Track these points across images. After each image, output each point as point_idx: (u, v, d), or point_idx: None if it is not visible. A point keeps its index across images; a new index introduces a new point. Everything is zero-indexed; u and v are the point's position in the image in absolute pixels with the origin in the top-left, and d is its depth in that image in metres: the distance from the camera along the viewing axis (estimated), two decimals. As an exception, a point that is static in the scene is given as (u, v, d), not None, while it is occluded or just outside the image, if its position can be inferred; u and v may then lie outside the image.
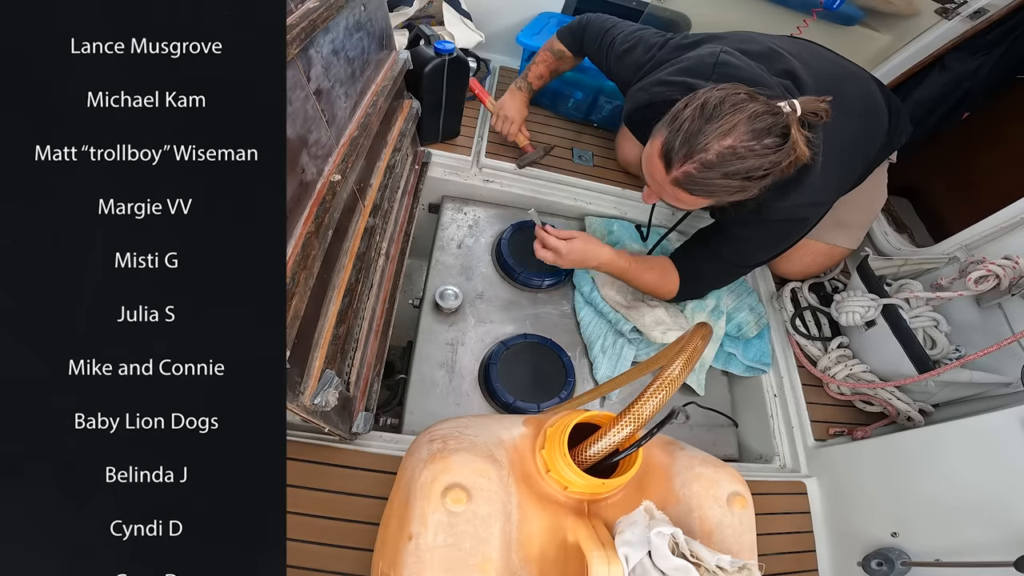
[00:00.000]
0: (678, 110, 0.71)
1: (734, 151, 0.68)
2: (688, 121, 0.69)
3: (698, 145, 0.68)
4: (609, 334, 1.08)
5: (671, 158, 0.71)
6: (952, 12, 1.24)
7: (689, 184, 0.72)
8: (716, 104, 0.68)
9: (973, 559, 0.75)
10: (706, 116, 0.68)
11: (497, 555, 0.42)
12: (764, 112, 0.68)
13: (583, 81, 1.33)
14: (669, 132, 0.71)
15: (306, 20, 0.55)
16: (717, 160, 0.68)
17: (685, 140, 0.69)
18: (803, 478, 1.00)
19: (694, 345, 0.50)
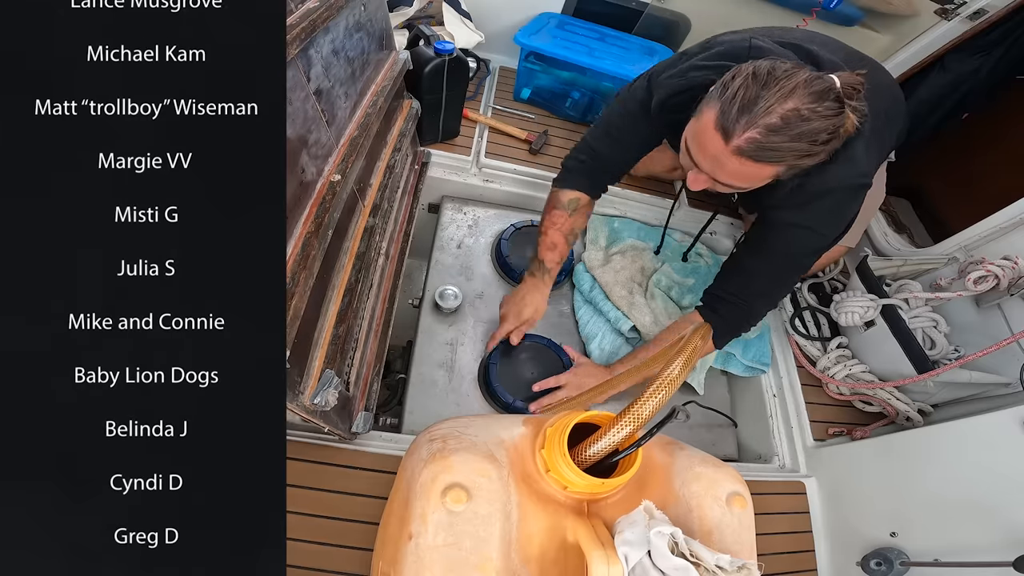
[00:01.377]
0: (726, 81, 0.68)
1: (798, 113, 0.65)
2: (742, 89, 0.66)
3: (759, 109, 0.65)
4: (607, 333, 1.08)
5: (730, 127, 0.67)
6: (952, 13, 1.24)
7: (756, 151, 0.67)
8: (768, 71, 0.66)
9: (972, 559, 0.75)
10: (760, 82, 0.66)
11: (497, 555, 0.42)
12: (816, 78, 0.66)
13: (580, 81, 1.34)
14: (722, 102, 0.67)
15: (306, 20, 0.55)
16: (782, 123, 0.65)
17: (744, 107, 0.66)
18: (802, 478, 1.00)
19: (694, 345, 0.50)
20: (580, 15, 1.44)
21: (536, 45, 1.27)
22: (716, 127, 0.68)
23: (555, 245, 0.98)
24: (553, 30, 1.37)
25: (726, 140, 0.68)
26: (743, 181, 0.74)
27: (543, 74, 1.36)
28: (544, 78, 1.37)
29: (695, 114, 0.72)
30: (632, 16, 1.43)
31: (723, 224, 1.35)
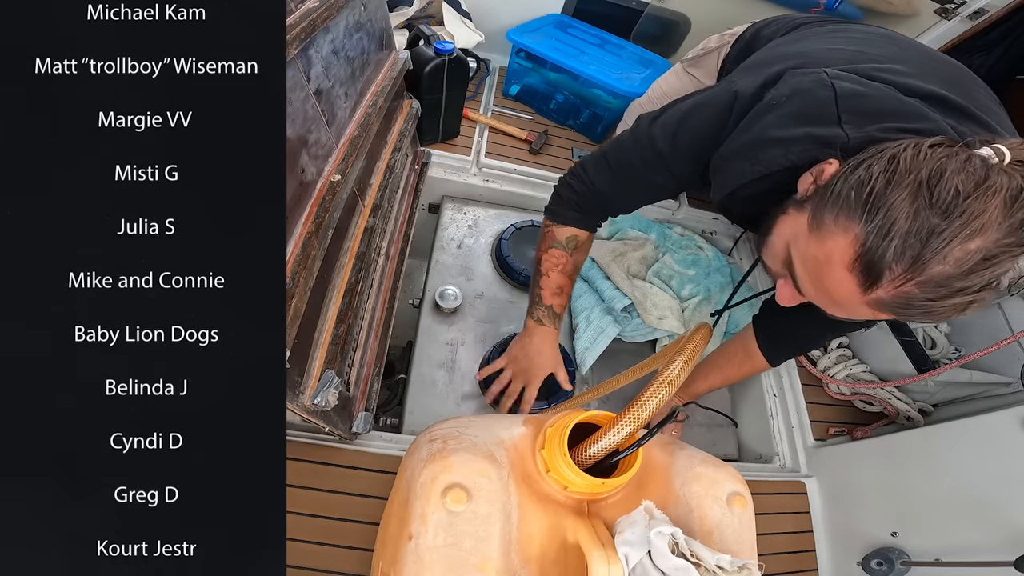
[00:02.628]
0: (875, 189, 0.44)
1: (984, 256, 0.42)
2: (906, 213, 0.42)
3: (930, 252, 0.42)
4: (596, 308, 1.09)
5: (879, 272, 0.44)
6: (951, 12, 1.24)
7: (903, 308, 0.46)
8: (942, 178, 0.42)
9: (973, 559, 0.75)
10: (940, 204, 0.41)
11: (497, 555, 0.42)
12: (1017, 191, 0.42)
13: (566, 84, 1.33)
14: (869, 231, 0.44)
15: (306, 20, 0.55)
16: (955, 271, 0.42)
17: (907, 245, 0.42)
18: (803, 478, 1.00)
19: (694, 345, 0.50)
20: (580, 15, 1.44)
21: (524, 42, 1.27)
22: (852, 267, 0.45)
23: (561, 289, 0.84)
24: (551, 30, 1.37)
25: (865, 288, 0.46)
26: (859, 317, 0.52)
27: (533, 72, 1.36)
28: (533, 76, 1.37)
29: (818, 223, 0.48)
30: (632, 16, 1.43)
31: (723, 224, 1.35)
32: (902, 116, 0.52)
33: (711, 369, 0.95)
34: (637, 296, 1.10)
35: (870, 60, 0.59)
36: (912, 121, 0.52)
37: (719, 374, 0.94)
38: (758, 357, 0.86)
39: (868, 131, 0.51)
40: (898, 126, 0.51)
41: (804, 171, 0.53)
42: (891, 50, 0.64)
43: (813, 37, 0.73)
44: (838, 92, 0.53)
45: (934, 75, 0.58)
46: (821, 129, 0.53)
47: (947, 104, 0.55)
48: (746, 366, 0.90)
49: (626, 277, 1.13)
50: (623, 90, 1.22)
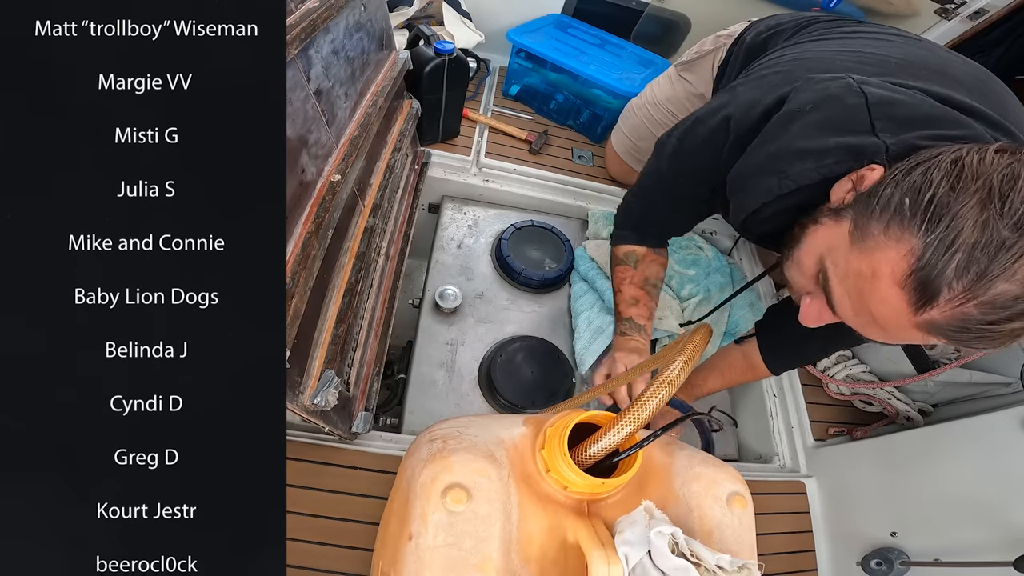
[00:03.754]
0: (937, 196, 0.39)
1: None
2: (973, 223, 0.37)
3: (998, 268, 0.37)
4: (596, 308, 1.09)
5: (936, 289, 0.39)
6: (952, 12, 1.24)
7: (958, 331, 0.40)
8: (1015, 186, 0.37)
9: (972, 559, 0.75)
10: (1012, 214, 0.37)
11: (497, 555, 0.42)
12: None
13: (566, 84, 1.33)
14: (930, 240, 0.39)
15: (306, 20, 0.55)
16: (1021, 291, 0.38)
17: (973, 259, 0.37)
18: (803, 478, 1.00)
19: (694, 345, 0.50)
20: (580, 15, 1.44)
21: (524, 42, 1.27)
22: (904, 284, 0.40)
23: (636, 300, 0.82)
24: (551, 30, 1.37)
25: (918, 308, 0.40)
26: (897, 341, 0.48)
27: (533, 72, 1.36)
28: (533, 76, 1.37)
29: (863, 234, 0.44)
30: (632, 16, 1.43)
31: (723, 224, 1.35)
32: (940, 123, 0.47)
33: (711, 373, 0.94)
34: None
35: (890, 63, 0.56)
36: (952, 128, 0.47)
37: (719, 378, 0.94)
38: (760, 366, 0.85)
39: (907, 139, 0.46)
40: (939, 133, 0.46)
41: (828, 190, 0.49)
42: (907, 51, 0.60)
43: (820, 40, 0.69)
44: (869, 98, 0.49)
45: (960, 80, 0.55)
46: (855, 138, 0.48)
47: (978, 114, 0.50)
48: (748, 374, 0.89)
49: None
50: (623, 90, 1.22)
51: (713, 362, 0.95)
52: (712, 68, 0.97)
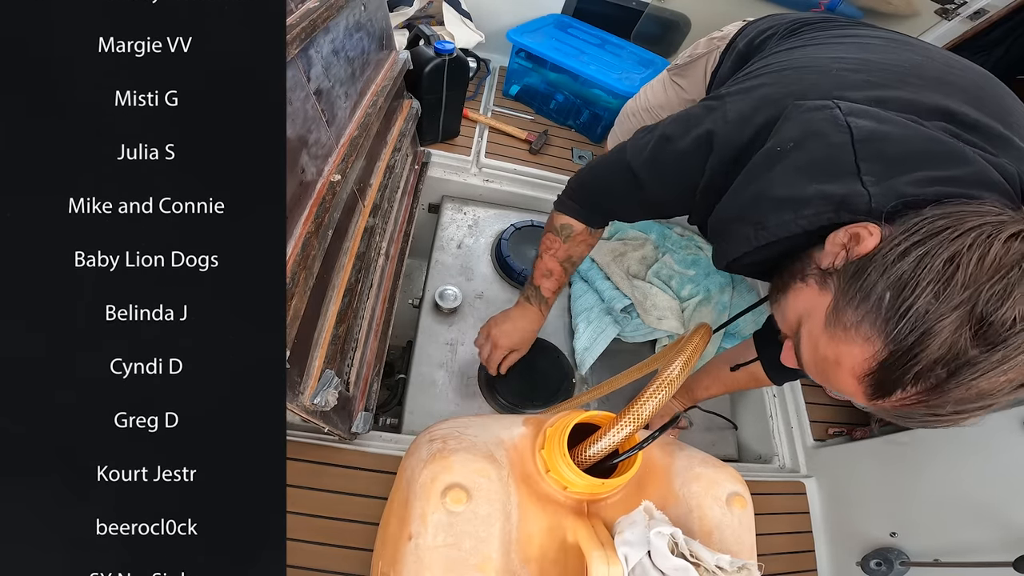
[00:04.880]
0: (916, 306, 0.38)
1: (1011, 383, 0.39)
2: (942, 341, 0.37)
3: (954, 383, 0.38)
4: (596, 308, 1.09)
5: (890, 390, 0.40)
6: (952, 12, 1.24)
7: (902, 418, 0.43)
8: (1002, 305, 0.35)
9: (972, 559, 0.75)
10: (987, 336, 0.36)
11: (497, 555, 0.42)
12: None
13: (566, 84, 1.33)
14: (895, 349, 0.39)
15: (306, 20, 0.55)
16: (975, 397, 0.39)
17: (933, 374, 0.38)
18: (802, 478, 1.00)
19: (694, 345, 0.50)
20: (580, 15, 1.44)
21: (525, 42, 1.27)
22: (862, 380, 0.41)
23: (551, 272, 0.84)
24: (551, 30, 1.37)
25: (870, 398, 0.42)
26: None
27: (533, 72, 1.36)
28: (533, 77, 1.37)
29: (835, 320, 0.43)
30: (632, 16, 1.43)
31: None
32: (934, 161, 0.44)
33: (712, 381, 0.94)
34: (637, 296, 1.10)
35: (886, 71, 0.54)
36: (945, 167, 0.44)
37: (719, 384, 0.93)
38: (761, 375, 0.82)
39: (896, 185, 0.43)
40: (932, 176, 0.43)
41: (816, 235, 0.46)
42: (903, 56, 0.58)
43: (814, 44, 0.67)
44: (855, 135, 0.45)
45: (959, 87, 0.52)
46: (837, 186, 0.45)
47: (980, 129, 0.48)
48: (750, 382, 0.88)
49: (626, 277, 1.13)
50: (623, 90, 1.22)
51: (714, 368, 0.95)
52: (705, 74, 0.94)
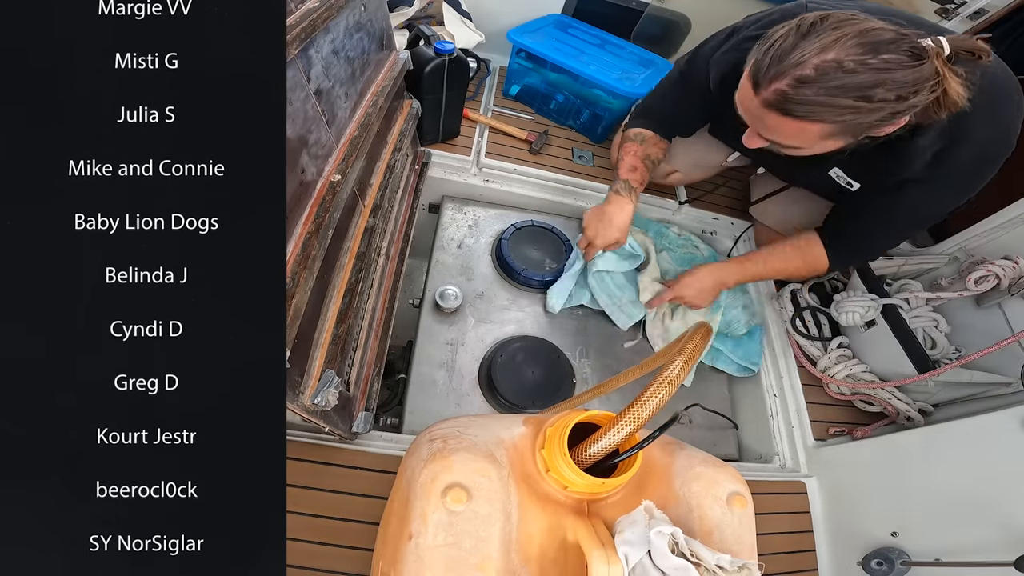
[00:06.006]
0: (771, 32, 0.64)
1: (840, 64, 0.58)
2: (780, 40, 0.61)
3: (792, 59, 0.60)
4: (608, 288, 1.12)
5: (760, 77, 0.63)
6: (952, 12, 1.24)
7: (783, 103, 0.62)
8: (815, 21, 0.60)
9: (973, 559, 0.75)
10: (802, 33, 0.60)
11: (497, 555, 0.42)
12: (882, 28, 0.58)
13: (566, 84, 1.33)
14: (759, 54, 0.64)
15: (306, 20, 0.55)
16: (816, 75, 0.59)
17: (776, 58, 0.61)
18: (803, 478, 1.00)
19: (694, 344, 0.50)
20: (580, 15, 1.44)
21: (525, 42, 1.27)
22: (748, 77, 0.65)
23: (635, 167, 1.00)
24: (551, 30, 1.37)
25: (755, 91, 0.64)
26: (788, 139, 0.69)
27: (534, 72, 1.36)
28: (533, 76, 1.37)
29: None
30: (632, 16, 1.43)
31: (723, 224, 1.35)
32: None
33: (769, 256, 1.00)
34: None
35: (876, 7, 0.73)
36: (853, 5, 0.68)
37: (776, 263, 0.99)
38: (820, 255, 0.95)
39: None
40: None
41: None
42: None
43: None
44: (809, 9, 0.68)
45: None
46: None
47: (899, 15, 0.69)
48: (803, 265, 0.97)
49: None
50: (623, 90, 1.22)
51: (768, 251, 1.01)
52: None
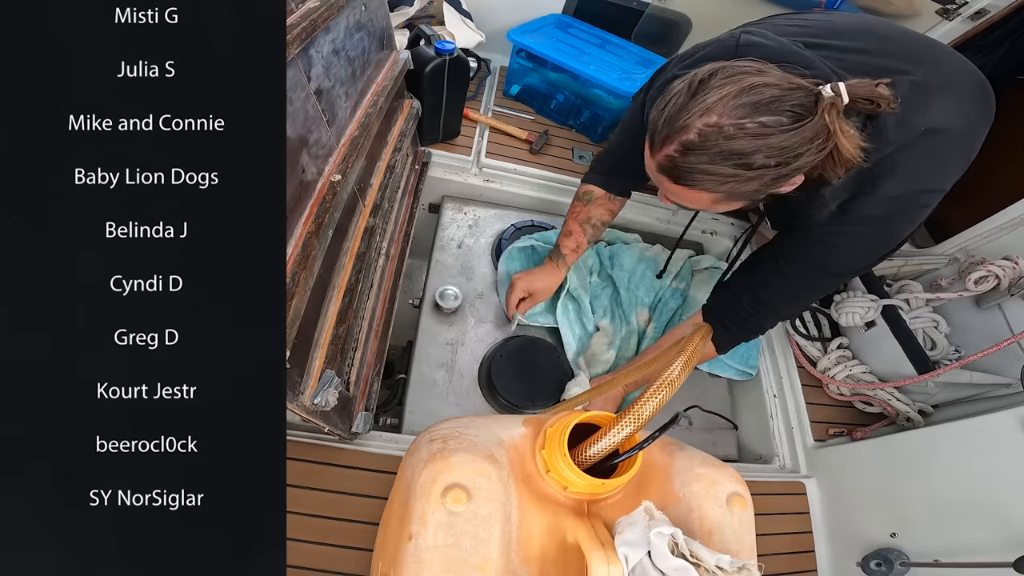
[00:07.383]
0: (670, 87, 0.60)
1: (720, 129, 0.55)
2: (675, 98, 0.58)
3: (679, 123, 0.57)
4: (576, 325, 1.09)
5: (654, 139, 0.61)
6: (953, 13, 1.24)
7: (672, 171, 0.60)
8: (704, 78, 0.57)
9: (972, 559, 0.75)
10: (692, 92, 0.57)
11: (497, 555, 0.42)
12: (765, 85, 0.55)
13: (566, 84, 1.33)
14: (656, 111, 0.60)
15: (306, 20, 0.55)
16: (699, 140, 0.56)
17: (668, 118, 0.58)
18: (802, 478, 1.00)
19: (694, 345, 0.50)
20: (580, 15, 1.44)
21: (525, 42, 1.27)
22: (648, 138, 0.62)
23: (570, 232, 0.99)
24: (551, 30, 1.37)
25: (651, 154, 0.62)
26: (686, 202, 0.66)
27: (534, 72, 1.36)
28: (533, 76, 1.37)
29: None
30: (633, 16, 1.42)
31: (723, 224, 1.35)
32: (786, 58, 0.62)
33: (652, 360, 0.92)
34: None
35: (828, 29, 0.68)
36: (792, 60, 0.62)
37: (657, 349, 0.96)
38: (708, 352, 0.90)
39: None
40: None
41: None
42: (865, 22, 0.74)
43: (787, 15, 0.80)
44: (740, 42, 0.66)
45: (888, 38, 0.68)
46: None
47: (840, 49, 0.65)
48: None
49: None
50: (624, 90, 1.22)
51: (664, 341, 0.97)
52: None
